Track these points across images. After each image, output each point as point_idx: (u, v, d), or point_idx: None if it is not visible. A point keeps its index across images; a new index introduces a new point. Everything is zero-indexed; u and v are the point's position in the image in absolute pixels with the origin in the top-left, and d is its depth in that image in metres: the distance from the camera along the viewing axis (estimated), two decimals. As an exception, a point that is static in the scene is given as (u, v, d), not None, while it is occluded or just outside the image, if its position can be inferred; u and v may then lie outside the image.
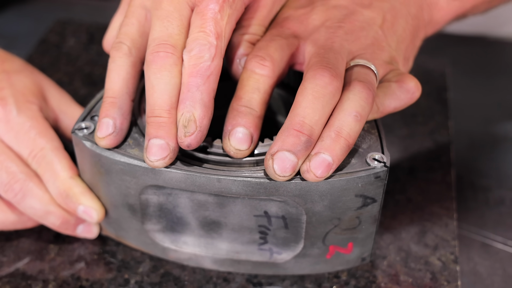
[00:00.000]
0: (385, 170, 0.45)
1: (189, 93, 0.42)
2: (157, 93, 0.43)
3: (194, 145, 0.43)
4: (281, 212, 0.46)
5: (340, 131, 0.42)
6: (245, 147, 0.44)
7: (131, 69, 0.46)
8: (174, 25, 0.44)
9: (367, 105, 0.44)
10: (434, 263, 0.52)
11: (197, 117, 0.42)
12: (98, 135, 0.45)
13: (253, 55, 0.46)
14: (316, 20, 0.49)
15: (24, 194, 0.49)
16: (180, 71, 0.43)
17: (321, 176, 0.43)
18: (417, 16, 0.51)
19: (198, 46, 0.42)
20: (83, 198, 0.49)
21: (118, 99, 0.46)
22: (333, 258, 0.49)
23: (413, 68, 0.75)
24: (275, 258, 0.49)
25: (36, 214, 0.50)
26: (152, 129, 0.43)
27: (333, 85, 0.43)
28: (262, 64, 0.45)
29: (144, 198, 0.48)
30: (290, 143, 0.42)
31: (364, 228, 0.48)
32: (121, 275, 0.51)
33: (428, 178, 0.60)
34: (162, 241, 0.50)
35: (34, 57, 0.76)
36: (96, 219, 0.50)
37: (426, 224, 0.56)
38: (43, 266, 0.52)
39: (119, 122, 0.45)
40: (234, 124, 0.44)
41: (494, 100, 0.73)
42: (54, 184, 0.49)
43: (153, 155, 0.43)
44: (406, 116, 0.68)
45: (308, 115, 0.42)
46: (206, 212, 0.47)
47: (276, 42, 0.46)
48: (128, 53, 0.46)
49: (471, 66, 0.78)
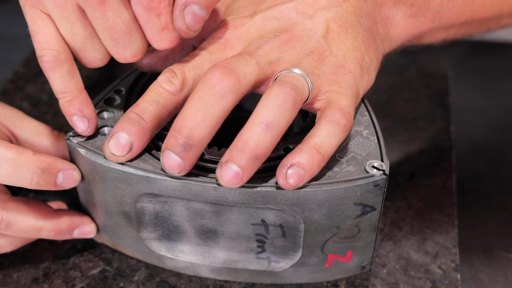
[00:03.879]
0: (384, 178, 0.44)
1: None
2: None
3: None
4: (279, 220, 0.46)
5: (246, 143, 0.41)
6: (120, 154, 0.44)
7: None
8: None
9: (283, 111, 0.41)
10: (434, 271, 0.52)
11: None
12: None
13: (168, 68, 0.46)
14: (252, 28, 0.48)
15: (7, 224, 0.48)
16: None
17: (230, 184, 0.42)
18: (370, 28, 0.50)
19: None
20: (58, 163, 0.47)
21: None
22: (332, 266, 0.49)
23: (415, 72, 0.75)
24: (273, 266, 0.49)
25: (28, 234, 0.49)
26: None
27: (222, 85, 0.41)
28: (170, 81, 0.45)
29: (139, 206, 0.47)
30: (170, 143, 0.42)
31: (363, 237, 0.47)
32: (116, 283, 0.50)
33: (429, 183, 0.60)
34: (158, 250, 0.50)
35: (31, 59, 0.75)
36: (78, 180, 0.48)
37: (427, 231, 0.55)
38: (37, 273, 0.51)
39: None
40: (119, 128, 0.44)
41: (496, 104, 0.72)
42: (25, 171, 0.46)
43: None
44: (407, 120, 0.67)
45: (188, 117, 0.42)
46: (202, 221, 0.47)
47: (198, 59, 0.46)
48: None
49: (472, 70, 0.77)
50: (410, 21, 0.52)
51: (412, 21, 0.52)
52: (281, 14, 0.48)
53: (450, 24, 0.54)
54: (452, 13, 0.53)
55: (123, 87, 0.52)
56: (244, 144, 0.41)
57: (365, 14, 0.49)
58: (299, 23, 0.48)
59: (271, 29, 0.47)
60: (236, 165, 0.42)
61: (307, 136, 0.44)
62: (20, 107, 0.67)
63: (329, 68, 0.46)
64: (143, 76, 0.54)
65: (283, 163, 0.43)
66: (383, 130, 0.49)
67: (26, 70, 0.74)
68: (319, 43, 0.47)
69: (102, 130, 0.48)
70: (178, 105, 0.46)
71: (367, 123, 0.49)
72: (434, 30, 0.54)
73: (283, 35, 0.47)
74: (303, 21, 0.48)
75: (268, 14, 0.48)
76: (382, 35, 0.51)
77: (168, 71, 0.45)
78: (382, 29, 0.51)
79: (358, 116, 0.49)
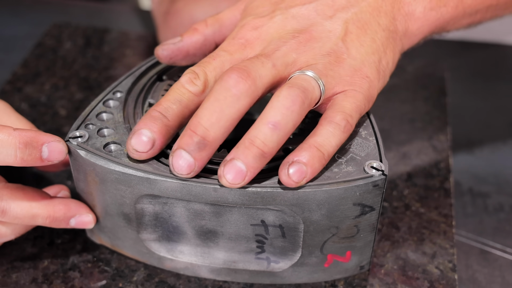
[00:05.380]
0: (383, 179, 0.44)
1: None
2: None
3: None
4: (278, 221, 0.46)
5: (253, 140, 0.42)
6: (143, 149, 0.45)
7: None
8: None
9: (290, 113, 0.43)
10: (432, 272, 0.52)
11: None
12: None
13: (190, 69, 0.46)
14: (271, 28, 0.48)
15: (2, 211, 0.48)
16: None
17: (233, 182, 0.43)
18: (389, 28, 0.50)
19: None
20: (41, 136, 0.46)
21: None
22: (331, 266, 0.49)
23: (412, 73, 0.75)
24: (272, 267, 0.49)
25: (24, 221, 0.49)
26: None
27: (238, 88, 0.43)
28: (192, 82, 0.46)
29: (139, 207, 0.47)
30: (184, 142, 0.43)
31: (362, 237, 0.47)
32: (115, 283, 0.50)
33: (426, 184, 0.60)
34: (158, 251, 0.50)
35: (29, 60, 0.75)
36: (64, 152, 0.47)
37: (424, 232, 0.55)
38: (36, 274, 0.51)
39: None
40: (142, 125, 0.45)
41: (493, 105, 0.73)
42: (7, 147, 0.46)
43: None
44: (404, 121, 0.68)
45: (204, 117, 0.43)
46: (202, 221, 0.47)
47: (219, 60, 0.47)
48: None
49: (470, 71, 0.78)
50: (431, 14, 0.51)
51: (433, 14, 0.51)
52: (301, 15, 0.48)
53: (475, 10, 0.53)
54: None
55: (121, 89, 0.52)
56: (251, 142, 0.42)
57: (383, 13, 0.50)
58: (319, 24, 0.48)
59: (290, 30, 0.48)
60: (242, 162, 0.42)
61: (308, 136, 0.44)
62: (19, 108, 0.67)
63: (346, 70, 0.47)
64: (141, 78, 0.54)
65: (284, 161, 0.43)
66: (380, 131, 0.50)
67: (25, 71, 0.74)
68: (337, 46, 0.47)
69: (102, 131, 0.48)
70: (199, 105, 0.46)
71: (366, 123, 0.49)
72: (458, 18, 0.53)
73: (301, 36, 0.47)
74: (322, 22, 0.48)
75: (288, 14, 0.49)
76: (401, 33, 0.51)
77: (190, 72, 0.46)
78: (401, 26, 0.51)
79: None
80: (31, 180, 0.59)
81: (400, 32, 0.51)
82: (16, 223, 0.49)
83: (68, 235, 0.54)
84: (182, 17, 0.68)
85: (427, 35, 0.53)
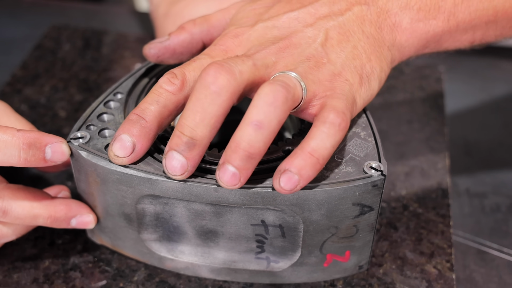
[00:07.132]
0: (382, 179, 0.45)
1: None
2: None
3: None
4: (278, 221, 0.46)
5: (239, 143, 0.42)
6: (123, 154, 0.45)
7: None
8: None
9: (273, 109, 0.41)
10: (430, 271, 0.52)
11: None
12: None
13: (170, 71, 0.47)
14: (252, 36, 0.48)
15: (4, 211, 0.48)
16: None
17: (229, 185, 0.43)
18: (374, 36, 0.49)
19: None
20: (44, 137, 0.47)
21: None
22: (330, 266, 0.49)
23: (409, 74, 0.75)
24: (272, 267, 0.49)
25: (26, 222, 0.49)
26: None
27: (217, 84, 0.42)
28: (170, 81, 0.46)
29: (140, 208, 0.47)
30: (174, 143, 0.43)
31: (361, 237, 0.48)
32: (116, 283, 0.51)
33: (423, 185, 0.60)
34: (158, 251, 0.50)
35: (29, 62, 0.75)
36: (67, 153, 0.47)
37: (422, 232, 0.56)
38: (37, 274, 0.51)
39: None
40: (121, 131, 0.45)
41: (489, 106, 0.73)
42: (10, 148, 0.46)
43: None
44: (402, 122, 0.68)
45: (188, 117, 0.43)
46: (203, 222, 0.47)
47: (199, 62, 0.47)
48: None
49: (466, 73, 0.78)
50: (418, 26, 0.50)
51: (421, 25, 0.50)
52: (282, 23, 0.49)
53: (471, 26, 0.52)
54: (469, 12, 0.51)
55: (122, 90, 0.53)
56: (237, 145, 0.42)
57: (368, 21, 0.49)
58: (299, 31, 0.48)
59: (271, 38, 0.48)
60: (232, 165, 0.42)
61: (303, 140, 0.44)
62: (18, 110, 0.68)
63: (325, 75, 0.46)
64: (142, 79, 0.54)
65: (278, 169, 0.43)
66: (378, 131, 0.50)
67: (24, 73, 0.74)
68: (317, 50, 0.47)
69: (103, 132, 0.48)
70: (179, 105, 0.46)
71: (365, 124, 0.49)
72: (452, 33, 0.52)
73: (281, 42, 0.47)
74: (303, 29, 0.48)
75: (269, 23, 0.49)
76: (389, 42, 0.50)
77: (168, 73, 0.46)
78: (388, 36, 0.50)
79: (355, 117, 0.50)
80: (30, 181, 0.59)
81: (387, 42, 0.50)
82: (17, 223, 0.50)
83: (69, 236, 0.54)
84: (182, 19, 0.68)
85: (419, 48, 0.52)
